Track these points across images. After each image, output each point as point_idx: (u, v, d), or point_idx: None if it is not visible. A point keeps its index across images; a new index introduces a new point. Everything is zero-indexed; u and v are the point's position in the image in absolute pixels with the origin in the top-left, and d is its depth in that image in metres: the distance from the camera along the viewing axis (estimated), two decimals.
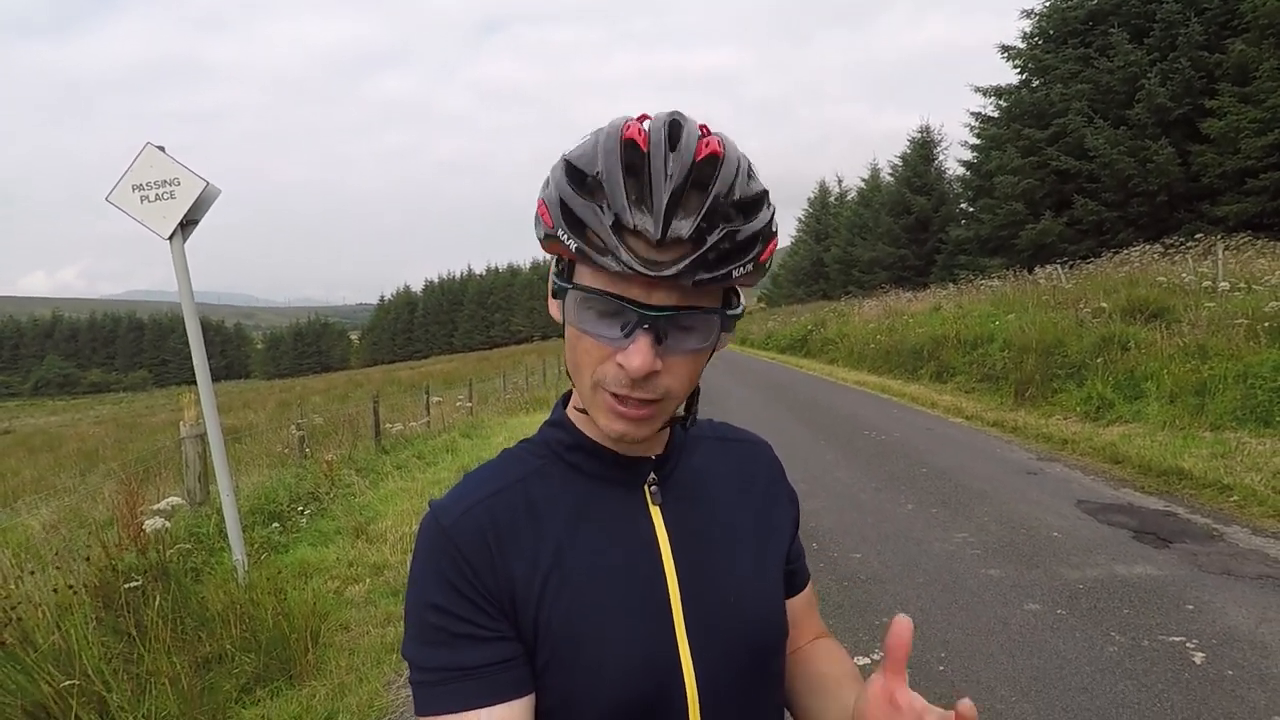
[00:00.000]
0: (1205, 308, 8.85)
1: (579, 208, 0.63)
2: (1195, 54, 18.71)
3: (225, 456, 4.18)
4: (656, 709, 0.70)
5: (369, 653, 3.60)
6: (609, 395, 0.68)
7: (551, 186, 0.66)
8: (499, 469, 0.77)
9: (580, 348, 0.68)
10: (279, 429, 10.65)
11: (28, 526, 5.46)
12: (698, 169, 0.63)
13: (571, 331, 0.69)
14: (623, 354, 0.65)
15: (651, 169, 0.63)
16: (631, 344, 0.64)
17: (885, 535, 4.96)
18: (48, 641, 2.79)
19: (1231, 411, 6.80)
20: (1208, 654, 3.11)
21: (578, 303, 0.67)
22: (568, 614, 0.69)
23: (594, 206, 0.63)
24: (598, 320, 0.66)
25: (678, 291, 0.64)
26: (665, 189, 0.62)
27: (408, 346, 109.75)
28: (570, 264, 0.68)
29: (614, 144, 0.64)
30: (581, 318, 0.67)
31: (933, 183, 33.80)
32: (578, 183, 0.65)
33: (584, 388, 0.70)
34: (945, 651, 3.29)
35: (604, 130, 0.67)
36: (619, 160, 0.63)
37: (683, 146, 0.64)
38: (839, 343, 19.93)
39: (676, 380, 0.68)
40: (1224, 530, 4.62)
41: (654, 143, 0.64)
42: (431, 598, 0.69)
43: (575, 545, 0.72)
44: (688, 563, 0.74)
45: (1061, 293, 12.84)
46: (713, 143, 0.64)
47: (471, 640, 0.68)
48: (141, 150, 4.00)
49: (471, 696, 0.67)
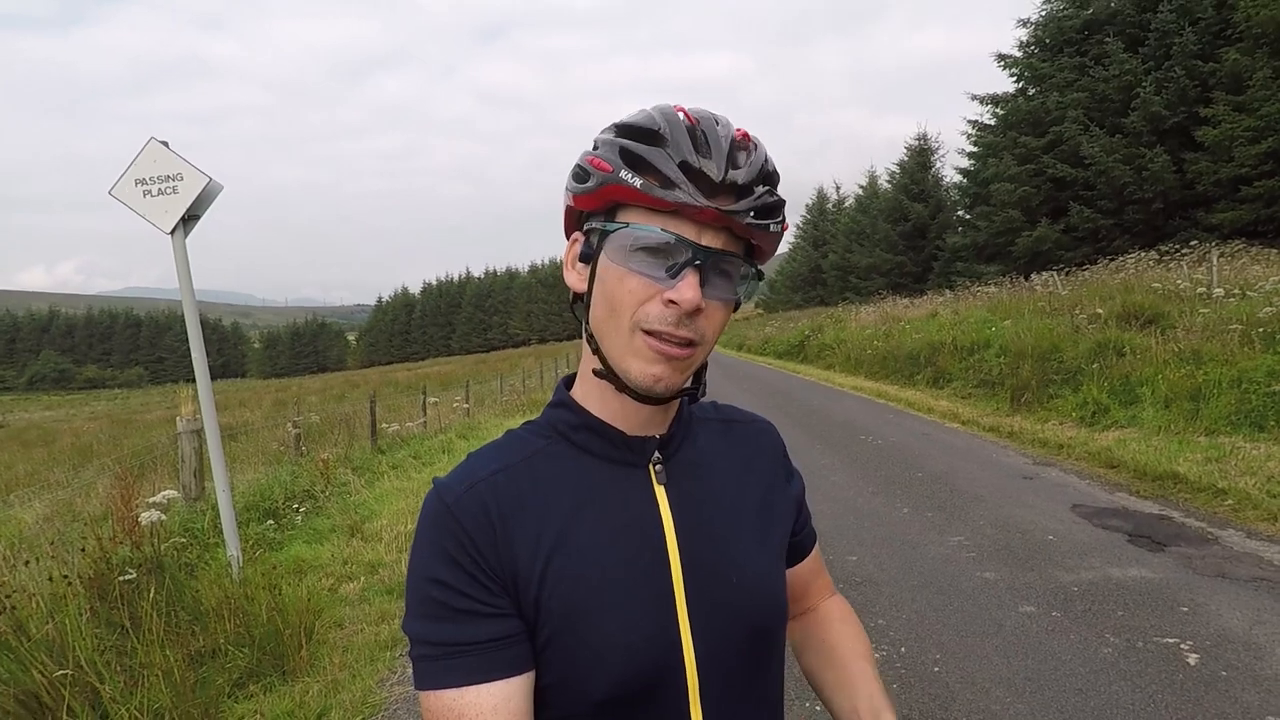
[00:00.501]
0: (1200, 314, 8.88)
1: (645, 152, 0.70)
2: (1190, 63, 18.83)
3: (221, 451, 4.18)
4: (656, 688, 0.71)
5: (363, 650, 3.59)
6: (648, 337, 0.70)
7: (603, 145, 0.73)
8: (504, 448, 0.78)
9: (624, 288, 0.70)
10: (275, 427, 10.63)
11: (21, 519, 5.44)
12: (737, 140, 0.72)
13: (613, 274, 0.71)
14: (673, 290, 0.68)
15: (705, 130, 0.71)
16: (681, 280, 0.68)
17: (881, 539, 4.96)
18: (41, 631, 2.78)
19: (1226, 416, 6.82)
20: (1202, 655, 3.12)
21: (626, 244, 0.70)
22: (569, 593, 0.69)
23: (660, 150, 0.70)
24: (644, 259, 0.70)
25: (721, 236, 0.71)
26: (721, 144, 0.70)
27: (405, 348, 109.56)
28: (611, 214, 0.73)
29: (673, 114, 0.72)
30: (628, 257, 0.70)
31: (930, 190, 33.92)
32: (640, 137, 0.71)
33: (621, 333, 0.71)
34: (940, 653, 3.29)
35: (652, 107, 0.74)
36: (679, 121, 0.71)
37: (724, 125, 0.73)
38: (836, 348, 19.94)
39: (710, 326, 0.72)
40: (1218, 534, 4.63)
41: (703, 119, 0.72)
42: (434, 573, 0.69)
43: (578, 524, 0.72)
44: (691, 543, 0.75)
45: (1057, 299, 12.87)
46: (744, 130, 0.74)
47: (472, 616, 0.68)
48: (146, 145, 4.01)
49: (471, 672, 0.67)
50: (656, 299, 0.69)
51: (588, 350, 0.76)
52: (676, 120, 0.71)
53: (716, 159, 0.69)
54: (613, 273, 0.71)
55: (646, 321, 0.69)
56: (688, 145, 0.69)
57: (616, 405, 0.75)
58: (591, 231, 0.74)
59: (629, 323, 0.70)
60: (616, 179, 0.69)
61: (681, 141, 0.69)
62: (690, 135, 0.70)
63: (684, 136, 0.70)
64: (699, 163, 0.69)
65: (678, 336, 0.69)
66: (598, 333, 0.73)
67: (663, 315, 0.69)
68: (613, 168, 0.70)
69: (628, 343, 0.71)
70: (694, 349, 0.71)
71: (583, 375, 0.79)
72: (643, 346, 0.70)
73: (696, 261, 0.68)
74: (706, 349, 0.74)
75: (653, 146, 0.70)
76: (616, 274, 0.70)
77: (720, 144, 0.70)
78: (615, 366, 0.72)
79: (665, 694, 0.71)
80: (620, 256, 0.70)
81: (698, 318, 0.70)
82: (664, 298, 0.69)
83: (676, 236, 0.68)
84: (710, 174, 0.68)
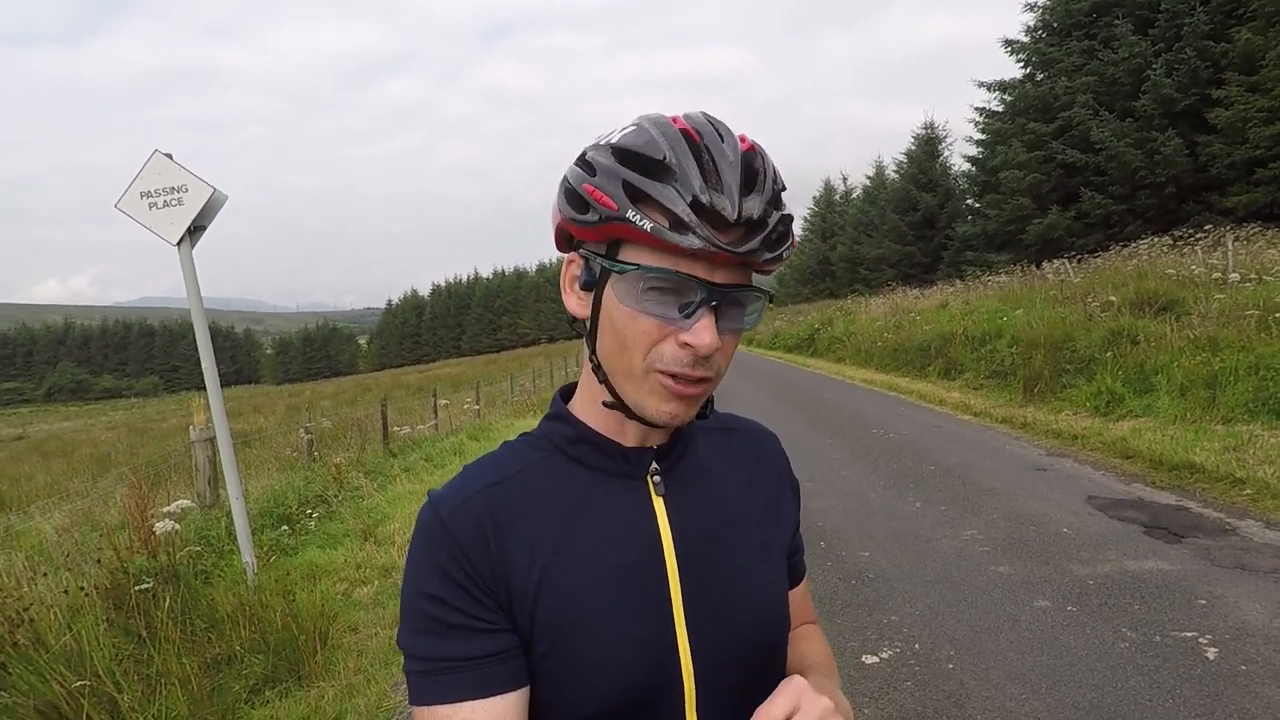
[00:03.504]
0: (1215, 299, 8.76)
1: (653, 190, 0.65)
2: (1201, 44, 18.54)
3: (234, 460, 4.21)
4: (652, 701, 0.70)
5: (377, 654, 3.61)
6: (664, 376, 0.68)
7: (601, 171, 0.67)
8: (499, 461, 0.77)
9: (635, 329, 0.68)
10: (288, 433, 10.70)
11: (41, 530, 5.50)
12: (747, 159, 0.68)
13: (622, 313, 0.68)
14: (688, 333, 0.66)
15: (714, 156, 0.66)
16: (697, 322, 0.66)
17: (893, 533, 4.94)
18: (59, 642, 2.81)
19: (1243, 404, 6.73)
20: (1220, 649, 3.08)
21: (636, 284, 0.67)
22: (564, 607, 0.69)
23: (668, 188, 0.65)
24: (656, 300, 0.67)
25: (736, 270, 0.68)
26: (732, 174, 0.66)
27: (415, 350, 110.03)
28: (613, 248, 0.69)
29: (674, 133, 0.67)
30: (641, 299, 0.67)
31: (938, 179, 33.64)
32: (644, 168, 0.66)
33: (633, 372, 0.69)
34: (954, 649, 3.27)
35: (649, 121, 0.69)
36: (685, 147, 0.66)
37: (728, 139, 0.68)
38: (846, 341, 19.87)
39: (725, 358, 0.71)
40: (1237, 524, 4.57)
41: (706, 134, 0.67)
42: (427, 588, 0.69)
43: (575, 538, 0.72)
44: (689, 555, 0.74)
45: (1069, 287, 12.74)
46: (745, 137, 0.69)
47: (467, 631, 0.68)
48: (150, 158, 4.04)
49: (466, 687, 0.66)
50: (671, 339, 0.67)
51: (588, 367, 0.75)
52: (682, 145, 0.66)
53: (728, 191, 0.65)
54: (623, 312, 0.68)
55: (661, 362, 0.68)
56: (697, 177, 0.65)
57: (615, 420, 0.75)
58: (591, 258, 0.70)
59: (642, 364, 0.69)
60: (623, 219, 0.65)
61: (690, 173, 0.65)
62: (698, 162, 0.66)
63: (692, 166, 0.65)
64: (711, 199, 0.64)
65: (694, 376, 0.68)
66: (607, 366, 0.71)
67: (678, 357, 0.67)
68: (618, 206, 0.65)
69: (642, 381, 0.69)
70: (707, 384, 0.70)
71: (581, 387, 0.78)
72: (658, 386, 0.69)
73: (712, 302, 0.66)
74: (719, 379, 0.72)
75: (661, 182, 0.65)
76: (627, 313, 0.68)
77: (730, 170, 0.66)
78: (628, 400, 0.71)
79: (662, 708, 0.70)
80: (631, 298, 0.67)
81: (713, 356, 0.68)
82: (679, 340, 0.67)
83: (692, 278, 0.66)
84: (725, 213, 0.64)
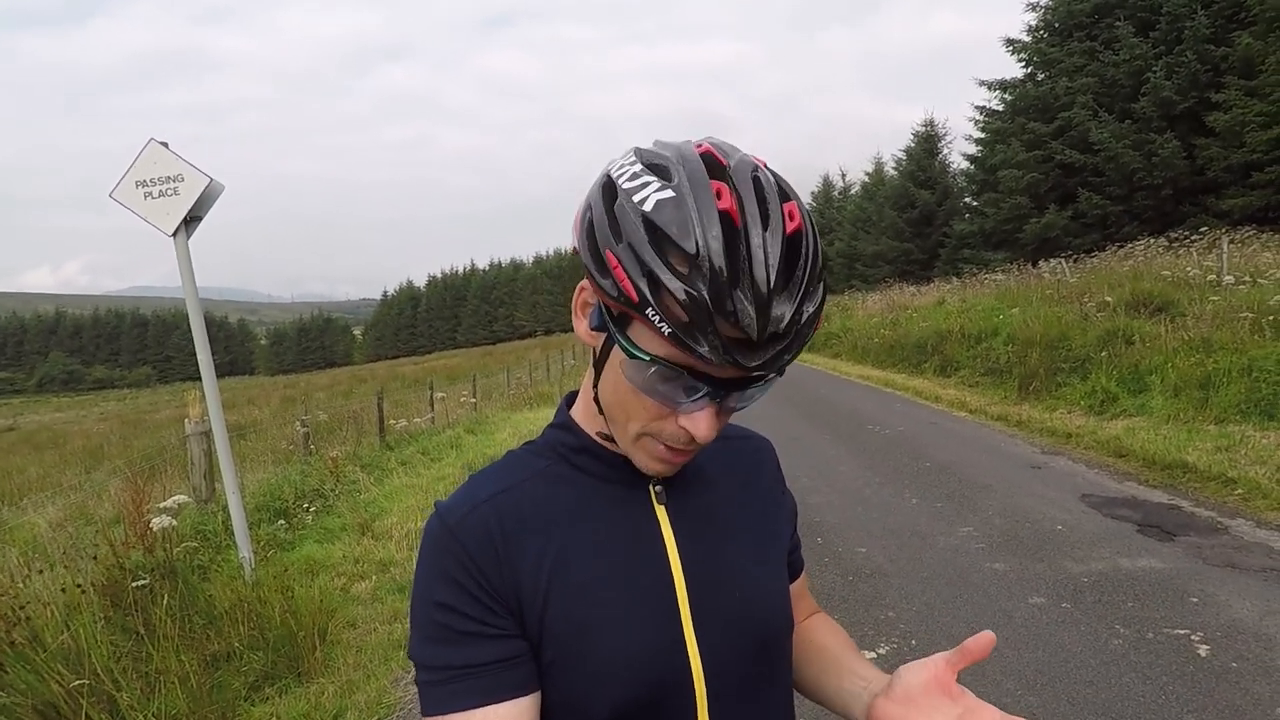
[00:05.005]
0: (1210, 301, 8.82)
1: (675, 288, 0.58)
2: (1201, 47, 18.58)
3: (230, 454, 4.20)
4: (662, 703, 0.71)
5: (376, 649, 3.61)
6: (660, 446, 0.70)
7: (629, 245, 0.60)
8: (504, 470, 0.78)
9: (639, 403, 0.68)
10: (284, 425, 10.69)
11: (34, 525, 5.49)
12: (790, 245, 0.61)
13: (627, 387, 0.67)
14: (689, 419, 0.66)
15: (750, 252, 0.59)
16: (700, 412, 0.66)
17: (889, 529, 4.96)
18: (57, 641, 2.80)
19: (1236, 405, 6.78)
20: (1212, 647, 3.11)
21: (645, 372, 0.64)
22: (573, 613, 0.70)
23: (692, 290, 0.58)
24: (662, 383, 0.64)
25: None
26: (766, 280, 0.58)
27: (411, 342, 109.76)
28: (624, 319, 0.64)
29: (712, 212, 0.58)
30: (646, 381, 0.64)
31: (937, 176, 33.65)
32: (673, 255, 0.59)
33: (628, 434, 0.71)
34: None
35: (688, 182, 0.60)
36: (721, 233, 0.58)
37: (773, 222, 0.60)
38: (843, 337, 19.90)
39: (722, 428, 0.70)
40: (1228, 523, 4.61)
41: (748, 216, 0.59)
42: (437, 596, 0.69)
43: (580, 545, 0.73)
44: (694, 559, 0.75)
45: (1066, 286, 12.79)
46: (794, 211, 0.62)
47: (477, 639, 0.68)
48: (145, 146, 3.99)
49: (477, 694, 0.67)
50: (671, 419, 0.67)
51: (589, 383, 0.75)
52: (717, 230, 0.58)
53: (758, 303, 0.58)
54: (626, 385, 0.67)
55: (659, 435, 0.69)
56: (721, 281, 0.57)
57: None
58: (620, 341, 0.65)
59: (637, 428, 0.70)
60: (643, 315, 0.60)
61: (720, 272, 0.57)
62: (730, 256, 0.58)
63: (723, 263, 0.57)
64: (737, 315, 0.57)
65: (687, 450, 0.70)
66: (606, 411, 0.72)
67: (675, 435, 0.68)
68: (638, 300, 0.59)
69: (635, 442, 0.71)
70: (698, 449, 0.71)
71: (583, 397, 0.79)
72: (650, 448, 0.70)
73: (717, 398, 0.65)
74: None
75: (687, 281, 0.58)
76: (630, 388, 0.67)
77: (763, 280, 0.58)
78: (619, 444, 0.73)
79: (672, 710, 0.71)
80: (638, 379, 0.65)
81: None
82: (679, 423, 0.67)
83: (697, 375, 0.63)
84: (749, 332, 0.58)
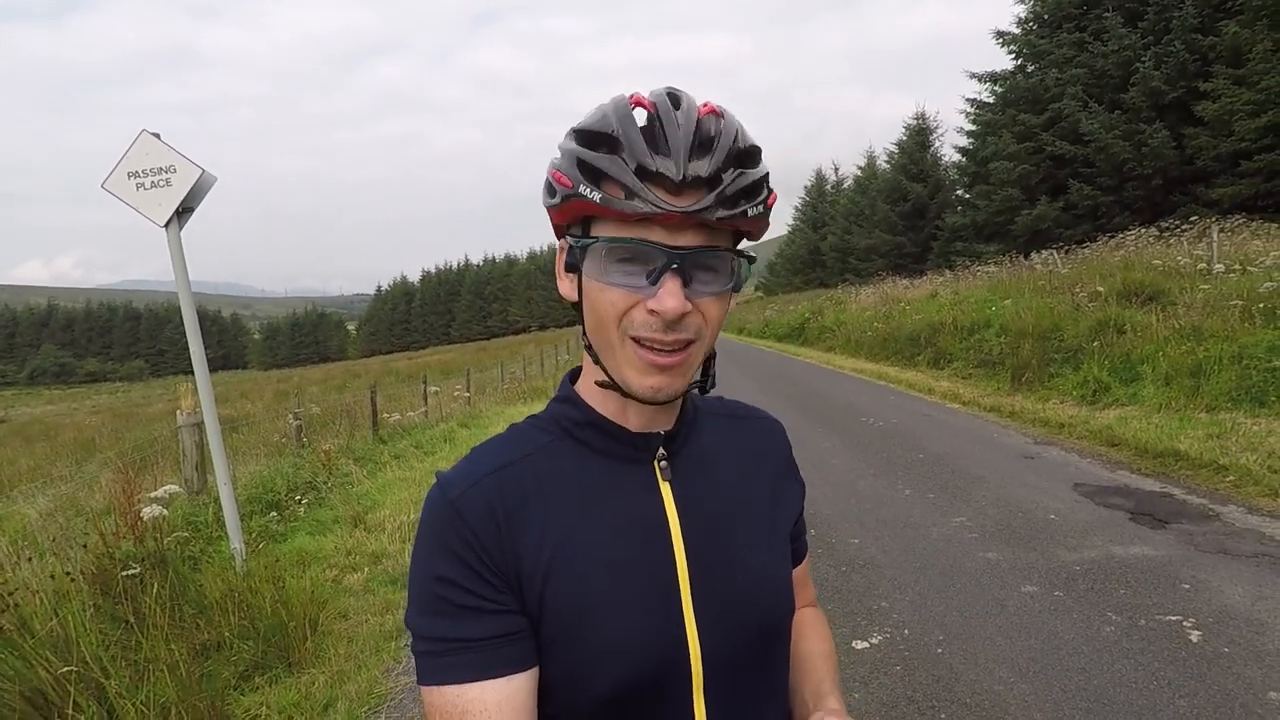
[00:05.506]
0: (1200, 290, 8.85)
1: (600, 162, 0.67)
2: (1189, 37, 18.66)
3: (222, 445, 4.17)
4: (660, 683, 0.70)
5: (367, 640, 3.60)
6: (640, 347, 0.69)
7: (564, 154, 0.70)
8: (507, 444, 0.77)
9: (606, 300, 0.69)
10: (276, 419, 10.64)
11: (24, 514, 5.44)
12: (702, 123, 0.69)
13: (594, 287, 0.70)
14: (654, 299, 0.67)
15: (663, 122, 0.68)
16: (661, 288, 0.67)
17: (883, 520, 4.97)
18: (46, 628, 2.78)
19: (1227, 393, 6.82)
20: (1204, 632, 3.13)
21: (601, 257, 0.68)
22: (573, 590, 0.69)
23: (615, 158, 0.67)
24: (622, 270, 0.68)
25: (698, 232, 0.68)
26: (682, 138, 0.67)
27: (405, 337, 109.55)
28: (585, 226, 0.71)
29: (624, 108, 0.69)
30: (606, 270, 0.68)
31: (929, 169, 33.76)
32: (593, 144, 0.68)
33: (611, 345, 0.70)
34: (943, 634, 3.30)
35: (608, 102, 0.71)
36: (632, 120, 0.68)
37: (685, 106, 0.70)
38: (836, 330, 19.94)
39: (708, 321, 0.71)
40: (1220, 510, 4.64)
41: (659, 105, 0.69)
42: (437, 569, 0.69)
43: (583, 522, 0.72)
44: (696, 539, 0.74)
45: (1057, 277, 12.83)
46: (710, 104, 0.71)
47: (476, 612, 0.68)
48: (137, 137, 3.96)
49: (474, 668, 0.66)
50: (640, 307, 0.68)
51: (581, 337, 0.75)
52: (629, 117, 0.68)
53: (675, 155, 0.66)
54: (594, 286, 0.70)
55: (634, 329, 0.68)
56: (641, 146, 0.66)
57: (620, 402, 0.75)
58: (572, 240, 0.72)
59: (617, 333, 0.69)
60: (577, 195, 0.67)
61: (635, 142, 0.66)
62: (647, 132, 0.67)
63: (638, 135, 0.67)
64: (656, 164, 0.65)
65: (667, 343, 0.68)
66: (594, 343, 0.73)
67: (648, 323, 0.68)
68: (572, 182, 0.68)
69: (620, 352, 0.70)
70: (690, 349, 0.70)
71: (586, 370, 0.78)
72: (634, 356, 0.69)
73: (674, 265, 0.66)
74: (706, 345, 0.72)
75: (608, 154, 0.67)
76: (598, 287, 0.69)
77: (679, 135, 0.67)
78: (615, 376, 0.71)
79: (669, 690, 0.71)
80: (598, 270, 0.69)
81: (689, 317, 0.68)
82: (646, 306, 0.67)
83: (648, 243, 0.67)
84: (669, 174, 0.65)
